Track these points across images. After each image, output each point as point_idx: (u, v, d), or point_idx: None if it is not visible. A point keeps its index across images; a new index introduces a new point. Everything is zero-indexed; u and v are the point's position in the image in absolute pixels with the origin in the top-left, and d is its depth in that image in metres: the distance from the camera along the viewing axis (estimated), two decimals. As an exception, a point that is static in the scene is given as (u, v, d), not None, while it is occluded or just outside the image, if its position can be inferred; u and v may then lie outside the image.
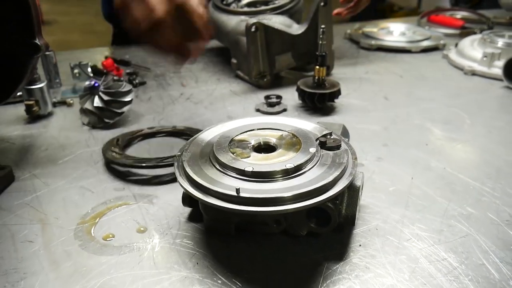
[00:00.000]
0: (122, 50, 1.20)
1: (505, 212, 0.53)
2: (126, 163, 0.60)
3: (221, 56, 1.08)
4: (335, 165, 0.47)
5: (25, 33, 0.62)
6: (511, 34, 1.08)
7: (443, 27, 1.41)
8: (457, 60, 1.06)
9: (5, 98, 0.66)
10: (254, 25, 0.85)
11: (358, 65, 1.07)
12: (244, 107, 0.84)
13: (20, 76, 0.65)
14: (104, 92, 0.75)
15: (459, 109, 0.83)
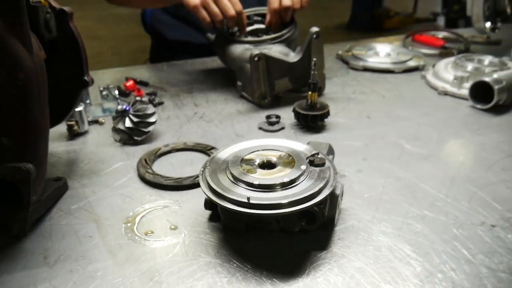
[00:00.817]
0: (140, 70, 1.36)
1: (452, 214, 0.69)
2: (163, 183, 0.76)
3: (227, 77, 1.23)
4: (320, 178, 0.63)
5: (77, 71, 0.77)
6: (480, 58, 1.24)
7: (426, 47, 1.57)
8: (432, 81, 1.22)
9: (57, 123, 0.82)
10: (257, 56, 1.01)
11: (347, 85, 1.22)
12: (249, 125, 0.99)
13: (70, 105, 0.81)
14: (133, 115, 0.90)
15: (429, 127, 0.99)
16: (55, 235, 0.66)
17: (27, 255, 0.62)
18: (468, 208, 0.71)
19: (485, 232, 0.65)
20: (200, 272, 0.58)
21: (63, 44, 0.75)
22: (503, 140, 0.93)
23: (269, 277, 0.57)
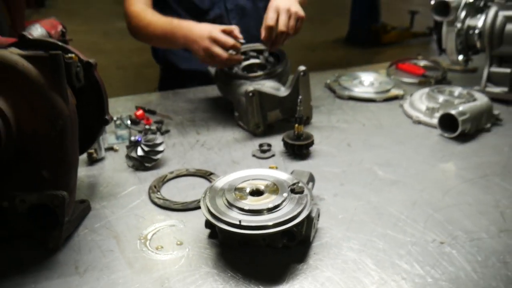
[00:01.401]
0: (148, 98, 1.52)
1: (410, 233, 0.84)
2: (171, 207, 0.90)
3: (226, 106, 1.38)
4: (299, 204, 0.78)
5: (99, 111, 0.93)
6: (451, 90, 1.40)
7: (408, 75, 1.72)
8: (408, 110, 1.38)
9: (81, 153, 0.97)
10: (251, 92, 1.16)
11: (332, 114, 1.37)
12: (244, 152, 1.14)
13: (92, 139, 0.96)
14: (145, 144, 1.06)
15: (401, 154, 1.14)
16: (83, 249, 0.80)
17: (61, 266, 0.76)
18: (424, 228, 0.85)
19: (434, 248, 0.80)
20: (201, 280, 0.73)
21: (88, 89, 0.91)
22: (463, 167, 1.08)
23: (256, 285, 0.72)
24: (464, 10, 1.48)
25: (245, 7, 1.59)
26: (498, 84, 1.48)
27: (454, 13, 1.47)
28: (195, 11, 1.54)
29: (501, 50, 1.45)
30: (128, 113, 1.33)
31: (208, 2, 1.54)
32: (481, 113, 1.26)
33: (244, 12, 1.59)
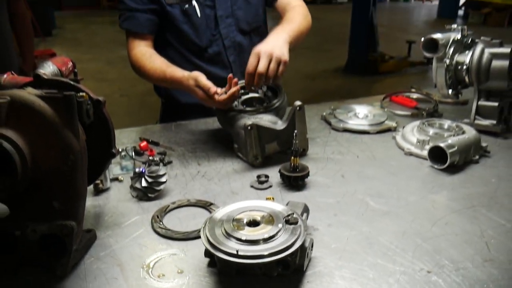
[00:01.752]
0: (151, 130, 1.58)
1: (399, 262, 0.89)
2: (173, 237, 0.95)
3: (226, 138, 1.44)
4: (293, 234, 0.83)
5: (106, 145, 0.99)
6: (440, 123, 1.46)
7: (401, 107, 1.80)
8: (400, 142, 1.44)
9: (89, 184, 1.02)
10: (250, 125, 1.22)
11: (328, 146, 1.43)
12: (243, 183, 1.20)
13: (99, 171, 1.02)
14: (148, 176, 1.11)
15: (392, 185, 1.19)
16: (89, 276, 0.85)
17: (68, 293, 0.81)
18: (412, 257, 0.90)
19: (421, 277, 0.84)
20: (201, 307, 0.77)
21: (97, 124, 0.97)
22: (452, 198, 1.14)
23: (252, 311, 0.76)
24: (452, 47, 1.56)
25: (242, 44, 1.68)
26: (486, 117, 1.55)
27: (442, 49, 1.55)
28: (195, 48, 1.63)
29: (488, 85, 1.52)
30: (133, 144, 1.40)
31: (207, 40, 1.63)
32: (469, 146, 1.32)
33: (241, 48, 1.68)
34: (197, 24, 1.60)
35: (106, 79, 6.71)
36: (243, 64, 1.65)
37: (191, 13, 1.58)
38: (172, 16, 1.58)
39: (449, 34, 1.57)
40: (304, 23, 1.60)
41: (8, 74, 1.02)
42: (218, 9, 1.61)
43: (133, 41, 1.61)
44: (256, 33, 1.72)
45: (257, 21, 1.72)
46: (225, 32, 1.64)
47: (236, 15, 1.65)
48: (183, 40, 1.63)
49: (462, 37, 1.59)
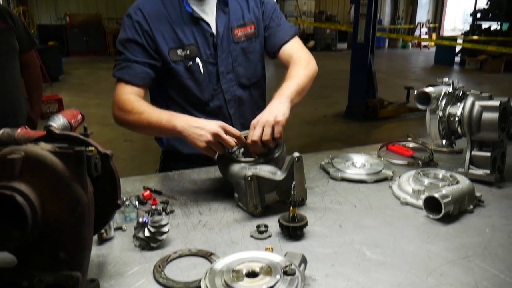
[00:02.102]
0: (154, 179, 1.63)
1: (394, 313, 0.91)
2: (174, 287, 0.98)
3: (227, 187, 1.49)
4: (291, 285, 0.85)
5: (112, 196, 1.03)
6: (435, 173, 1.51)
7: (397, 156, 1.85)
8: (397, 192, 1.48)
9: (94, 234, 1.06)
10: (250, 176, 1.27)
11: (326, 195, 1.47)
12: (243, 232, 1.23)
13: (104, 222, 1.06)
14: (151, 226, 1.15)
15: (388, 235, 1.22)
16: (91, 327, 0.87)
17: None
18: (408, 308, 0.92)
19: (417, 328, 0.86)
20: None
21: (104, 177, 1.02)
22: (447, 248, 1.16)
23: None
24: (444, 99, 1.63)
25: (241, 97, 1.76)
26: (480, 167, 1.60)
27: (435, 102, 1.62)
28: (197, 102, 1.71)
29: (480, 136, 1.58)
30: (136, 193, 1.44)
31: (208, 95, 1.71)
32: (463, 196, 1.36)
33: (241, 102, 1.77)
34: (200, 80, 1.68)
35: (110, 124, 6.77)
36: (242, 116, 1.72)
37: (194, 69, 1.67)
38: (176, 72, 1.67)
39: (440, 87, 1.65)
40: (307, 74, 1.67)
41: (22, 129, 1.09)
42: (220, 65, 1.70)
43: (123, 87, 1.60)
44: (255, 87, 1.82)
45: (256, 76, 1.82)
46: (225, 87, 1.73)
47: (237, 71, 1.74)
48: (185, 95, 1.70)
49: (453, 90, 1.66)
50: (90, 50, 16.18)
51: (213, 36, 1.69)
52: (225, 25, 1.70)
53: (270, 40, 1.81)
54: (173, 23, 1.64)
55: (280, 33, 1.80)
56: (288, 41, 1.79)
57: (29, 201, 0.82)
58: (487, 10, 15.16)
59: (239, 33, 1.73)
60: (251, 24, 1.76)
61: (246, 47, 1.75)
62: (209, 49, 1.69)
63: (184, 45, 1.65)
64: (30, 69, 2.89)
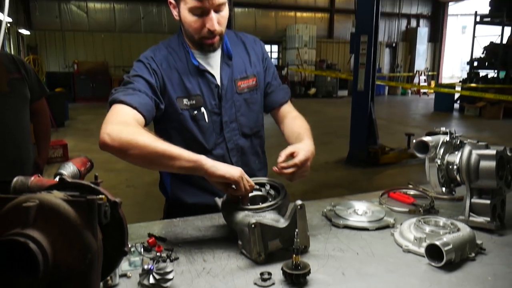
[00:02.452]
0: (159, 225, 1.66)
1: None
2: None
3: (231, 234, 1.51)
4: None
5: (120, 243, 1.06)
6: (436, 220, 1.53)
7: (399, 203, 1.87)
8: (398, 239, 1.49)
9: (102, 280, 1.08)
10: (253, 224, 1.30)
11: (328, 242, 1.49)
12: (246, 280, 1.24)
13: (112, 268, 1.08)
14: (156, 273, 1.17)
15: (391, 283, 1.23)
16: None
17: None
18: None
19: None
20: None
21: (112, 224, 1.05)
22: (449, 297, 1.17)
23: None
24: (442, 148, 1.68)
25: (243, 146, 1.83)
26: (480, 214, 1.62)
27: (433, 151, 1.67)
28: (201, 150, 1.75)
29: (478, 184, 1.61)
30: (141, 240, 1.46)
31: (212, 143, 1.77)
32: (464, 243, 1.37)
33: (243, 151, 1.83)
34: (205, 129, 1.75)
35: (114, 169, 6.88)
36: (245, 164, 1.77)
37: (199, 118, 1.74)
38: (182, 118, 1.73)
39: (438, 137, 1.70)
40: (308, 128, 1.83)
41: (35, 177, 1.13)
42: (224, 115, 1.77)
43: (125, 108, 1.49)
44: (256, 136, 1.89)
45: (257, 125, 1.89)
46: (228, 136, 1.79)
47: (240, 120, 1.81)
48: (190, 142, 1.75)
49: (451, 139, 1.71)
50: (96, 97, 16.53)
51: (218, 87, 1.76)
52: (229, 77, 1.78)
53: (271, 97, 1.94)
54: (181, 74, 1.73)
55: (281, 93, 1.96)
56: (286, 102, 1.96)
57: (42, 248, 0.85)
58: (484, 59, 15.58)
59: (242, 85, 1.81)
60: (253, 77, 1.85)
61: (249, 98, 1.83)
62: (214, 100, 1.76)
63: (191, 95, 1.72)
64: (39, 116, 2.98)
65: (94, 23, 17.66)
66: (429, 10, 24.03)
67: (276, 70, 2.04)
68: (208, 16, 1.61)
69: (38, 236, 0.86)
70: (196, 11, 1.60)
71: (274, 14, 20.45)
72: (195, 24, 1.63)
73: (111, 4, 17.91)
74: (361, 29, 7.13)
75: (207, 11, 1.60)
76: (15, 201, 0.91)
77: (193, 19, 1.62)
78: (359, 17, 7.27)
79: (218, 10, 1.63)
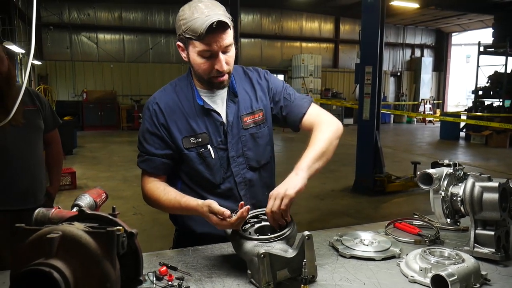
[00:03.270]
0: (170, 254, 1.70)
1: None
2: None
3: (240, 263, 1.54)
4: None
5: (135, 273, 1.11)
6: (441, 251, 1.56)
7: (404, 234, 1.90)
8: (404, 269, 1.52)
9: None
10: (262, 254, 1.34)
11: (335, 272, 1.52)
12: (256, 309, 1.28)
13: (127, 297, 1.12)
14: (169, 302, 1.20)
15: (397, 314, 1.26)
16: None
17: None
18: None
19: None
20: None
21: (129, 254, 1.10)
22: (455, 327, 1.19)
23: None
24: (446, 179, 1.72)
25: (251, 179, 1.86)
26: (485, 245, 1.65)
27: (437, 182, 1.71)
28: (209, 185, 1.83)
29: (482, 215, 1.65)
30: (152, 268, 1.50)
31: (219, 178, 1.82)
32: (469, 274, 1.40)
33: (251, 183, 1.86)
34: (212, 165, 1.80)
35: (121, 197, 6.94)
36: (253, 197, 1.82)
37: (206, 155, 1.79)
38: (188, 158, 1.79)
39: (442, 169, 1.75)
40: (327, 136, 1.76)
41: (55, 208, 1.19)
42: (230, 150, 1.81)
43: (148, 178, 1.82)
44: (264, 168, 1.91)
45: (265, 158, 1.92)
46: (236, 170, 1.83)
47: (247, 155, 1.85)
48: (197, 178, 1.82)
49: (454, 171, 1.76)
50: (104, 125, 16.80)
51: (223, 124, 1.81)
52: (235, 113, 1.84)
53: (289, 118, 1.92)
54: (186, 114, 1.79)
55: (296, 108, 1.90)
56: (306, 112, 1.88)
57: (65, 278, 0.90)
58: (488, 88, 15.70)
59: (248, 120, 1.86)
60: (259, 111, 1.89)
61: (255, 133, 1.87)
62: (220, 137, 1.81)
63: (197, 133, 1.79)
64: (52, 146, 3.06)
65: (103, 53, 18.07)
66: (433, 40, 24.41)
67: (292, 89, 1.97)
68: (217, 58, 1.68)
69: (61, 266, 0.91)
70: (205, 54, 1.68)
71: (280, 44, 20.84)
72: (204, 66, 1.71)
73: (120, 35, 18.36)
74: (365, 60, 7.27)
75: (215, 54, 1.67)
76: (39, 232, 0.97)
77: (202, 61, 1.70)
78: (364, 48, 7.42)
79: (226, 51, 1.70)
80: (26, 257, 0.94)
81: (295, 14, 20.73)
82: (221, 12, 1.65)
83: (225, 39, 1.66)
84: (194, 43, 1.66)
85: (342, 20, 21.64)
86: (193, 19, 1.62)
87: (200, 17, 1.61)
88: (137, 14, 18.43)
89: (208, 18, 1.59)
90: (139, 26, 18.39)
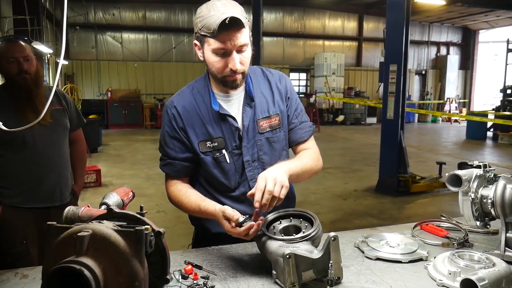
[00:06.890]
0: (195, 253, 1.71)
1: None
2: None
3: (265, 264, 1.54)
4: None
5: (162, 271, 1.12)
6: (470, 254, 1.52)
7: (432, 236, 1.87)
8: (432, 272, 1.49)
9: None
10: (288, 254, 1.33)
11: (361, 274, 1.50)
12: (281, 310, 1.27)
13: (154, 295, 1.13)
14: (195, 301, 1.21)
15: (426, 318, 1.23)
16: None
17: None
18: None
19: None
20: None
21: (156, 252, 1.11)
22: (486, 333, 1.16)
23: None
24: (475, 181, 1.68)
25: None
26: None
27: (466, 184, 1.67)
28: (224, 189, 1.84)
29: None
30: (177, 267, 1.51)
31: (234, 183, 1.83)
32: (500, 279, 1.36)
33: None
34: (227, 169, 1.80)
35: (144, 195, 7.03)
36: None
37: (221, 160, 1.79)
38: (204, 162, 1.80)
39: (471, 170, 1.70)
40: (311, 163, 1.85)
41: (85, 207, 1.21)
42: (245, 155, 1.81)
43: (171, 181, 1.86)
44: None
45: None
46: (251, 174, 1.82)
47: (262, 159, 1.84)
48: (213, 182, 1.83)
49: (484, 172, 1.71)
50: (128, 123, 17.06)
51: (238, 129, 1.81)
52: (251, 117, 1.83)
53: (290, 135, 1.95)
54: (203, 119, 1.80)
55: (301, 131, 1.94)
56: (306, 140, 1.94)
57: (94, 275, 0.91)
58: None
59: (264, 124, 1.85)
60: (276, 116, 1.87)
61: (271, 137, 1.86)
62: (235, 141, 1.81)
63: (213, 137, 1.79)
64: (76, 145, 3.12)
65: (127, 53, 18.33)
66: (459, 37, 23.86)
67: (302, 105, 2.01)
68: (231, 56, 1.67)
69: (91, 264, 0.93)
70: (219, 52, 1.67)
71: (303, 43, 20.72)
72: (218, 64, 1.70)
73: (144, 35, 18.59)
74: (390, 58, 7.16)
75: (229, 52, 1.67)
76: (70, 230, 0.99)
77: (216, 59, 1.70)
78: (388, 46, 7.31)
79: (241, 51, 1.69)
80: (57, 255, 0.96)
81: (317, 12, 20.58)
82: (238, 11, 1.64)
83: (239, 38, 1.65)
84: (209, 40, 1.66)
85: (366, 18, 21.36)
86: (208, 17, 1.63)
87: (216, 15, 1.61)
88: (160, 14, 18.63)
89: (223, 15, 1.59)
90: (163, 26, 18.58)
